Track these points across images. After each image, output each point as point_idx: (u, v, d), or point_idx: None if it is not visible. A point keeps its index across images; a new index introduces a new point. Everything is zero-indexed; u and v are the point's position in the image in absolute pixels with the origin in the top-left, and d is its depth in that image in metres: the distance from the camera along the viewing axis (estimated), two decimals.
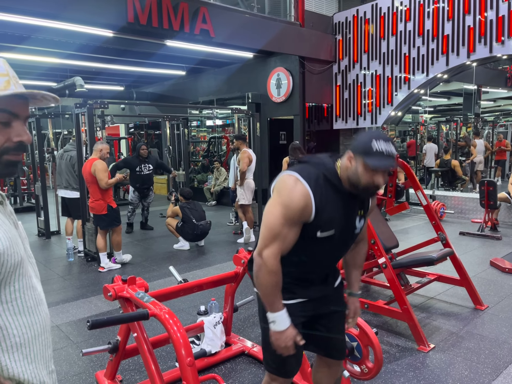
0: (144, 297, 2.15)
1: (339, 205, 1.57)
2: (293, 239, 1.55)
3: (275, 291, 1.57)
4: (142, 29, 6.17)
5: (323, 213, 1.52)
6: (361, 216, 1.66)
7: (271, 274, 1.54)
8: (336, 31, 9.15)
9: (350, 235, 1.68)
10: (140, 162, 6.85)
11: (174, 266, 3.19)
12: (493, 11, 6.99)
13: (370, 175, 1.49)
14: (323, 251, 1.64)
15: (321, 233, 1.55)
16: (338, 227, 1.57)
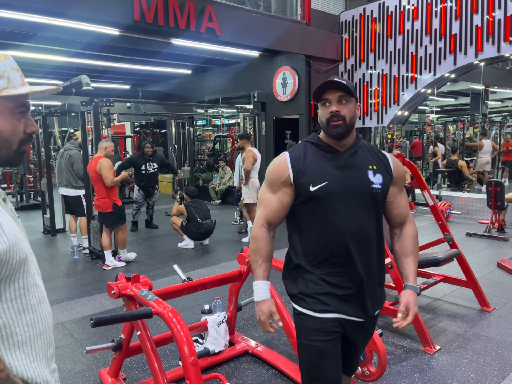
0: (148, 295, 2.14)
1: (327, 160, 1.54)
2: (278, 205, 1.57)
3: (256, 257, 1.57)
4: (148, 27, 6.17)
5: (308, 170, 1.53)
6: (374, 170, 1.55)
7: (253, 240, 1.60)
8: (342, 30, 9.10)
9: (365, 191, 1.53)
10: (145, 161, 6.86)
11: (179, 264, 3.18)
12: (501, 11, 6.92)
13: (322, 110, 1.55)
14: (336, 215, 1.51)
15: (313, 186, 1.51)
16: (332, 179, 1.51)
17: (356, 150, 1.57)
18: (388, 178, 1.58)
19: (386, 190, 1.57)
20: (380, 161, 1.59)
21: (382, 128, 10.18)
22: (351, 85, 1.54)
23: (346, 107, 1.51)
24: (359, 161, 1.55)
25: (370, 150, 1.61)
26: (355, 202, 1.52)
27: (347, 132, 1.52)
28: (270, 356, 2.89)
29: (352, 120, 1.53)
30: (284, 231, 1.68)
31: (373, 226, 1.55)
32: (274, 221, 1.60)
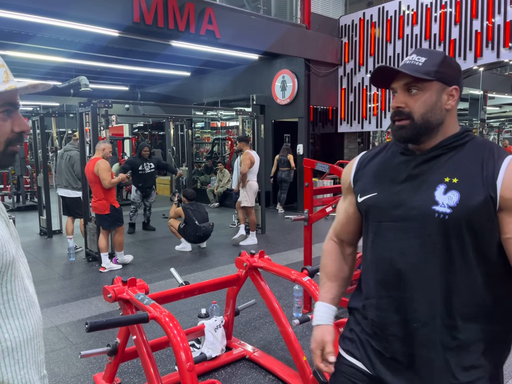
0: (144, 299, 2.11)
1: (393, 164, 1.17)
2: (344, 217, 1.30)
3: (321, 275, 1.33)
4: (148, 29, 6.16)
5: (365, 175, 1.22)
6: (451, 185, 1.04)
7: (322, 254, 1.36)
8: (342, 34, 9.11)
9: (423, 215, 1.05)
10: (142, 161, 6.86)
11: (176, 267, 3.16)
12: (501, 16, 6.94)
13: None
14: (378, 240, 1.15)
15: (361, 196, 1.19)
16: (383, 190, 1.14)
17: (440, 154, 1.09)
18: (479, 198, 1.01)
19: (469, 217, 1.01)
20: (478, 172, 1.03)
21: (381, 132, 10.18)
22: (434, 61, 1.07)
23: (416, 99, 1.07)
24: (434, 169, 1.08)
25: (474, 153, 1.07)
26: (407, 228, 1.08)
27: (418, 135, 1.09)
28: (268, 361, 2.86)
29: (427, 115, 1.07)
30: (283, 234, 1.65)
31: (436, 270, 1.05)
32: (343, 235, 1.32)
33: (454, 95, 1.10)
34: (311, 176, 3.78)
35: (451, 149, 1.09)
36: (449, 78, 1.10)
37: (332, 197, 4.13)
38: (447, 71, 1.10)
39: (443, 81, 1.08)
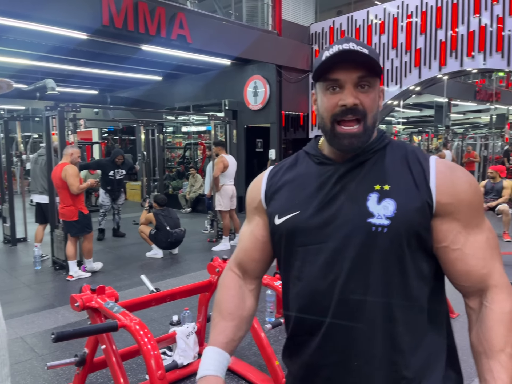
0: (114, 307, 2.07)
1: (313, 177, 0.99)
2: (251, 241, 1.09)
3: (214, 312, 1.06)
4: (117, 32, 6.08)
5: (281, 192, 1.03)
6: (384, 193, 0.90)
7: (218, 288, 1.12)
8: (312, 41, 9.26)
9: (357, 230, 0.90)
10: (114, 167, 6.81)
11: (147, 274, 3.10)
12: (464, 26, 7.23)
13: (325, 97, 0.94)
14: (310, 268, 0.95)
15: (280, 217, 0.99)
16: (306, 207, 0.96)
17: (364, 160, 0.95)
18: (416, 204, 0.89)
19: (410, 227, 0.88)
20: (408, 176, 0.92)
21: None
22: (376, 55, 0.92)
23: (369, 96, 0.91)
24: (361, 177, 0.94)
25: (397, 156, 0.95)
26: (340, 249, 0.91)
27: (366, 142, 0.94)
28: (240, 367, 2.85)
29: (375, 117, 0.94)
30: None
31: (377, 295, 0.90)
32: (247, 264, 1.09)
33: (381, 96, 0.98)
34: None
35: (374, 153, 0.96)
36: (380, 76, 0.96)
37: None
38: (381, 68, 0.97)
39: (380, 79, 0.97)
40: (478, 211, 0.93)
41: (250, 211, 1.11)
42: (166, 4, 6.45)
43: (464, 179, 0.92)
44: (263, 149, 9.74)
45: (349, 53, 0.89)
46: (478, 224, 0.92)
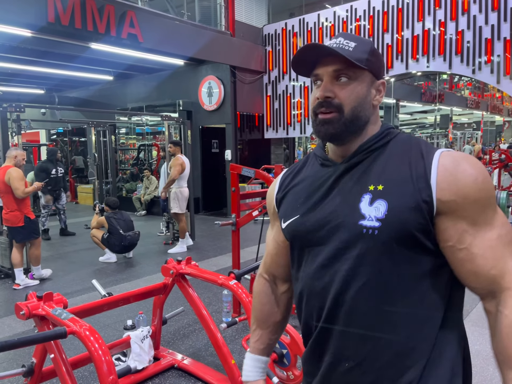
0: (62, 314, 1.99)
1: (314, 178, 1.00)
2: (274, 247, 1.12)
3: (252, 319, 1.15)
4: (64, 30, 5.86)
5: (288, 196, 1.04)
6: (377, 193, 0.88)
7: (253, 295, 1.18)
8: (266, 42, 9.36)
9: (349, 232, 0.89)
10: (54, 165, 6.98)
11: (100, 279, 3.02)
12: (409, 30, 7.57)
13: (313, 91, 0.97)
14: (301, 269, 0.99)
15: (284, 221, 1.02)
16: (304, 210, 0.97)
17: (361, 159, 0.93)
18: (409, 204, 0.84)
19: (401, 229, 0.85)
20: (406, 174, 0.88)
21: (305, 138, 10.59)
22: (364, 48, 0.92)
23: (346, 89, 0.91)
24: (356, 178, 0.92)
25: (398, 153, 0.92)
26: (334, 251, 0.91)
27: (346, 131, 0.92)
28: (197, 368, 2.83)
29: (357, 109, 0.92)
30: (213, 240, 1.63)
31: (371, 298, 0.88)
32: (274, 269, 1.13)
33: (381, 90, 0.96)
34: (237, 181, 3.83)
35: (372, 151, 0.93)
36: (378, 70, 0.95)
37: (258, 201, 4.21)
38: (376, 62, 0.94)
39: (373, 72, 0.94)
40: (487, 207, 0.85)
41: (270, 216, 1.14)
42: (116, 2, 6.29)
43: (468, 173, 0.84)
44: (219, 150, 9.73)
45: (315, 48, 0.91)
46: (487, 220, 0.85)
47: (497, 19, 6.84)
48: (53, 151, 7.23)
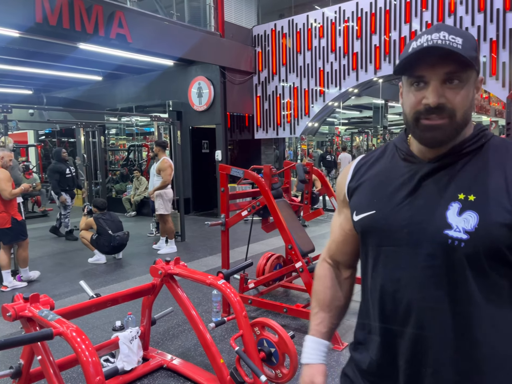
0: (49, 315, 1.99)
1: (395, 174, 0.94)
2: (340, 234, 1.10)
3: (313, 303, 1.14)
4: (52, 30, 5.83)
5: (362, 186, 0.99)
6: (467, 203, 0.82)
7: (314, 278, 1.17)
8: (255, 43, 9.38)
9: (431, 240, 0.84)
10: (67, 165, 7.10)
11: (89, 281, 3.02)
12: (397, 32, 7.65)
13: (409, 92, 0.87)
14: (376, 267, 0.95)
15: (357, 213, 0.98)
16: (382, 208, 0.92)
17: (452, 161, 0.87)
18: (503, 220, 0.80)
19: (491, 245, 0.81)
20: (501, 184, 0.82)
21: (295, 138, 10.64)
22: (471, 44, 0.83)
23: (459, 93, 0.83)
24: (445, 183, 0.86)
25: (493, 159, 0.86)
26: (412, 255, 0.87)
27: (453, 137, 0.86)
28: (186, 368, 2.84)
29: (467, 113, 0.85)
30: (203, 240, 1.63)
31: (449, 307, 0.84)
32: (339, 256, 1.12)
33: (479, 87, 0.88)
34: (227, 182, 3.85)
35: (465, 154, 0.86)
36: (479, 66, 0.87)
37: (248, 201, 4.23)
38: (478, 59, 0.86)
39: (477, 70, 0.86)
40: None
41: (339, 203, 1.11)
42: (104, 2, 6.27)
43: None
44: (209, 150, 9.73)
45: (435, 49, 0.80)
46: None
47: (483, 20, 6.95)
48: (58, 151, 7.23)
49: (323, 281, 1.13)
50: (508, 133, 6.13)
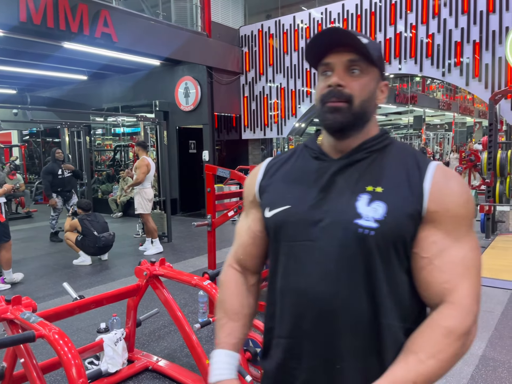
0: (31, 317, 1.97)
1: (307, 171, 0.97)
2: (249, 236, 1.06)
3: (219, 313, 1.06)
4: (36, 29, 5.75)
5: (273, 184, 1.01)
6: (375, 195, 0.88)
7: (220, 286, 1.10)
8: (242, 43, 9.38)
9: (344, 231, 0.87)
10: (60, 165, 6.82)
11: (74, 283, 2.99)
12: (382, 34, 7.73)
13: (320, 81, 0.94)
14: (289, 263, 0.94)
15: (270, 209, 0.97)
16: (297, 202, 0.94)
17: (360, 158, 0.93)
18: (407, 210, 0.86)
19: (398, 233, 0.86)
20: (404, 181, 0.89)
21: (283, 139, 10.67)
22: (374, 46, 0.91)
23: (358, 81, 0.90)
24: (354, 177, 0.92)
25: (396, 159, 0.93)
26: (326, 248, 0.89)
27: (352, 124, 0.91)
28: (172, 369, 2.83)
29: (365, 104, 0.91)
30: (190, 241, 1.59)
31: (362, 299, 0.87)
32: (247, 260, 1.07)
33: (384, 91, 0.96)
34: (213, 182, 3.84)
35: (371, 152, 0.93)
36: (383, 70, 0.96)
37: (235, 201, 4.23)
38: (383, 62, 0.97)
39: (381, 72, 0.94)
40: (462, 225, 0.87)
41: (247, 205, 1.09)
42: (89, 1, 6.21)
43: (456, 189, 0.88)
44: (197, 151, 9.70)
45: (338, 32, 0.88)
46: (459, 238, 0.87)
47: (466, 22, 7.06)
48: (53, 151, 7.04)
49: (230, 288, 1.07)
50: (491, 134, 6.25)
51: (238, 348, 1.02)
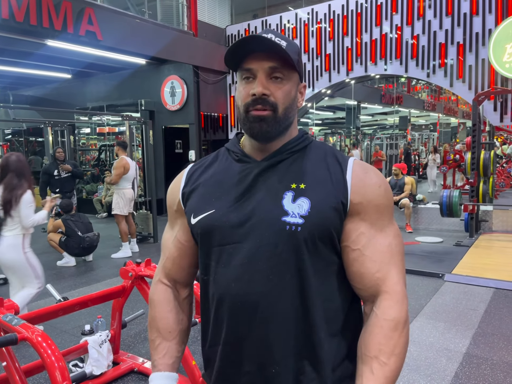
0: (13, 320, 1.93)
1: (230, 174, 0.96)
2: (177, 248, 1.03)
3: (152, 334, 1.02)
4: (19, 26, 5.65)
5: (197, 190, 0.98)
6: (299, 191, 0.89)
7: (150, 304, 1.06)
8: (229, 42, 9.36)
9: (272, 229, 0.87)
10: (57, 166, 6.53)
11: (58, 284, 2.94)
12: (368, 34, 7.79)
13: (241, 86, 0.93)
14: (224, 270, 0.91)
15: (195, 216, 0.95)
16: (221, 206, 0.92)
17: (283, 159, 0.94)
18: (331, 203, 0.88)
19: (323, 227, 0.88)
20: (326, 176, 0.91)
21: None
22: (294, 49, 0.91)
23: (281, 88, 0.90)
24: (278, 176, 0.92)
25: (316, 157, 0.95)
26: (255, 249, 0.88)
27: (277, 131, 0.92)
28: None
29: (288, 110, 0.92)
30: None
31: (293, 297, 0.88)
32: (176, 273, 1.04)
33: (303, 93, 0.97)
34: None
35: (293, 153, 0.95)
36: (302, 72, 0.96)
37: None
38: (301, 63, 0.96)
39: (300, 74, 0.94)
40: (384, 214, 0.92)
41: (171, 214, 1.05)
42: None
43: (374, 181, 0.91)
44: (183, 150, 9.64)
45: (260, 39, 0.86)
46: (383, 227, 0.91)
47: (451, 24, 7.16)
48: (54, 150, 6.85)
49: (162, 305, 1.03)
50: (474, 134, 6.34)
51: (176, 368, 1.00)
